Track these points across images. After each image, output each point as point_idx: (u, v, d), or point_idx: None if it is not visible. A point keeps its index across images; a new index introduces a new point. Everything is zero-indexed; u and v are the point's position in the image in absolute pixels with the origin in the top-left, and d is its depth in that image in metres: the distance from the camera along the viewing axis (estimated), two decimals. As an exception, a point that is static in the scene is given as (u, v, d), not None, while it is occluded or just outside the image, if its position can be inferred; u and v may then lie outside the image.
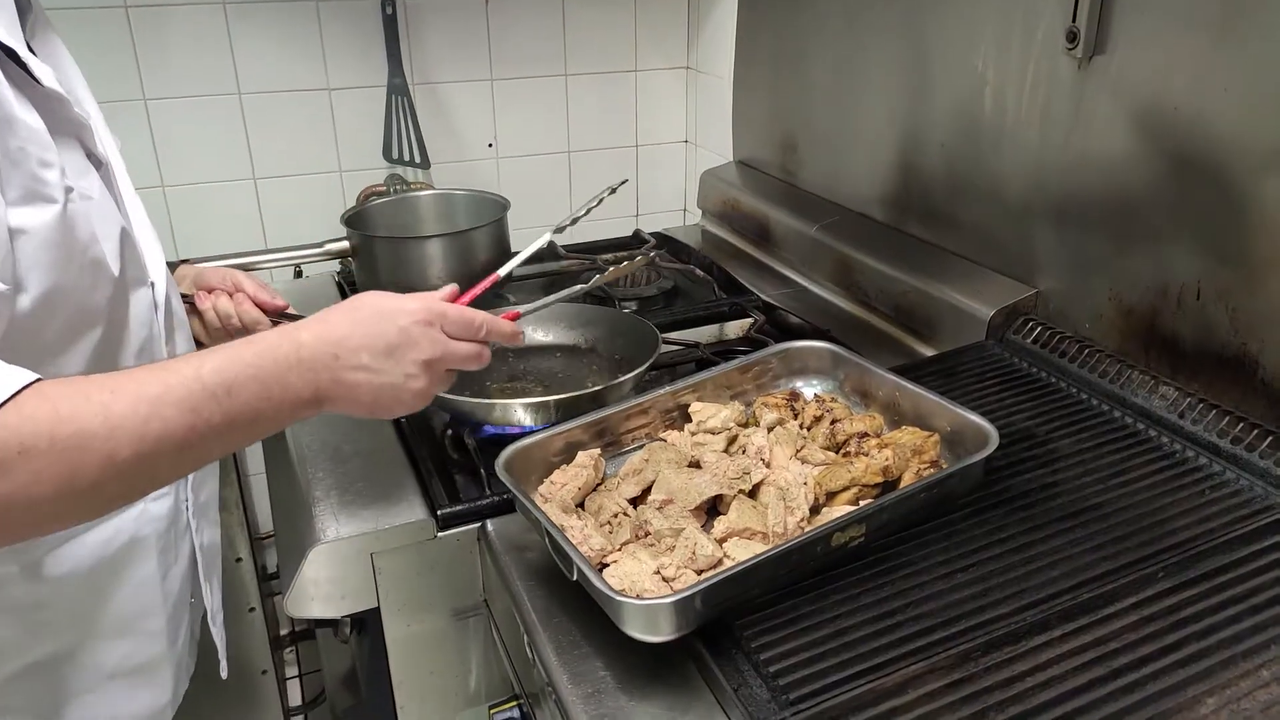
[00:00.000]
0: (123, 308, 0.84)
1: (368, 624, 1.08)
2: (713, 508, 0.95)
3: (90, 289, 0.79)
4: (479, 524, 1.04)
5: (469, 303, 0.90)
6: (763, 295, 1.60)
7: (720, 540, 0.89)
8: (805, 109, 1.76)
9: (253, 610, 1.62)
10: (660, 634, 0.77)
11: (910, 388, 1.04)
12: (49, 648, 0.85)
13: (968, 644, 0.77)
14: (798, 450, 1.02)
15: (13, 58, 0.72)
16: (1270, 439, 0.97)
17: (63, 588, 0.84)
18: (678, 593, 0.77)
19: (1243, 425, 0.99)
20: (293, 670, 2.08)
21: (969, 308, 1.32)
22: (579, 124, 2.13)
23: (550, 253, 1.80)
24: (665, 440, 1.06)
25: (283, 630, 1.92)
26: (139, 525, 0.89)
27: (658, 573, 0.85)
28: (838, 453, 1.02)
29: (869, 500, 0.93)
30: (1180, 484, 0.97)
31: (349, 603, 1.04)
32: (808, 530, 0.87)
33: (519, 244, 1.64)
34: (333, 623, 1.08)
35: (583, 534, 0.89)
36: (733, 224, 1.95)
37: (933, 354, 1.34)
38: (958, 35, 1.35)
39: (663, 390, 1.08)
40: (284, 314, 1.15)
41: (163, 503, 0.92)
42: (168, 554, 0.93)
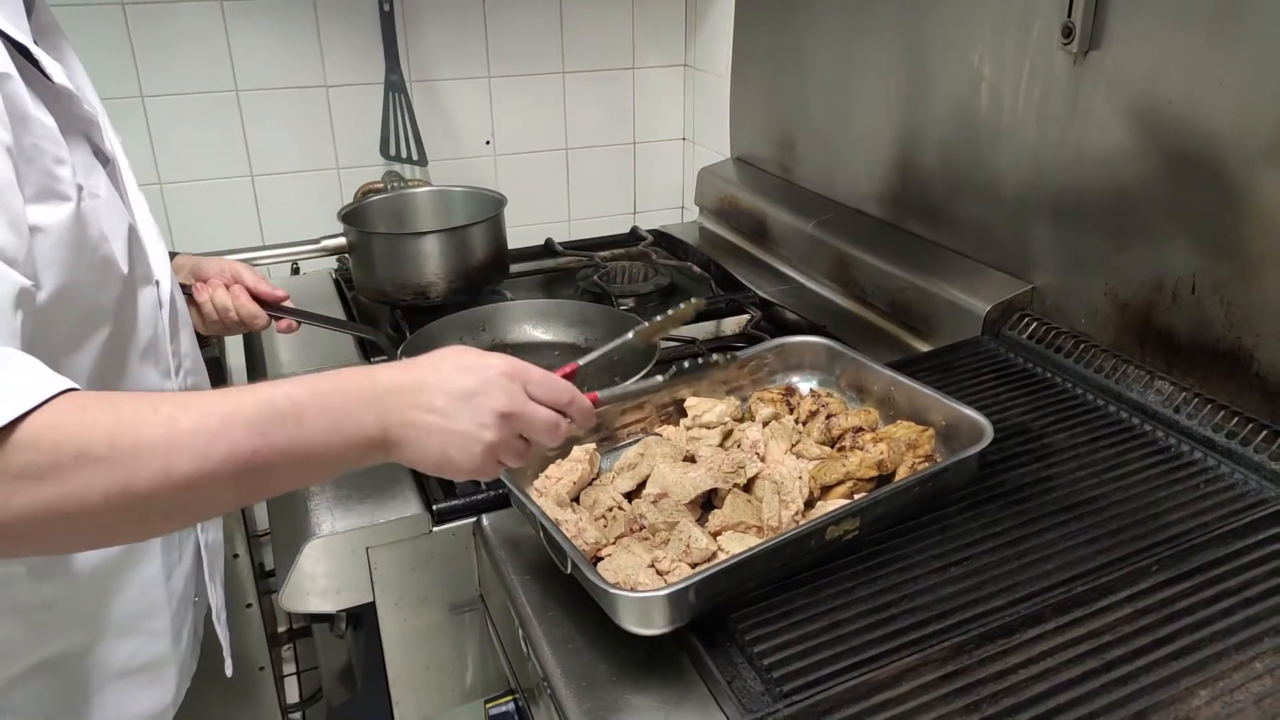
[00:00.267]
0: (131, 306, 0.84)
1: (363, 619, 1.09)
2: (707, 502, 0.95)
3: (100, 288, 0.79)
4: (474, 519, 1.04)
5: None
6: (760, 292, 1.60)
7: (714, 534, 0.89)
8: (803, 106, 1.76)
9: (249, 607, 1.62)
10: (654, 627, 0.77)
11: (905, 382, 1.05)
12: (55, 648, 0.85)
13: (961, 636, 0.77)
14: (793, 445, 1.02)
15: (24, 54, 0.72)
16: (1265, 433, 0.97)
17: (70, 588, 0.84)
18: (671, 586, 0.77)
19: (1237, 420, 0.99)
20: (290, 667, 2.08)
21: (965, 303, 1.32)
22: (577, 121, 2.13)
23: (548, 250, 1.80)
24: (660, 435, 1.06)
25: (280, 627, 1.92)
26: None
27: (652, 566, 0.85)
28: (833, 447, 1.02)
29: (863, 494, 0.93)
30: (1175, 478, 0.97)
31: (344, 597, 1.04)
32: (802, 524, 0.87)
33: (516, 241, 1.65)
34: (328, 617, 1.09)
35: (577, 528, 0.89)
36: (730, 221, 1.95)
37: (929, 350, 1.34)
38: (954, 32, 1.35)
39: (658, 384, 1.08)
40: (281, 307, 1.15)
41: None
42: (172, 553, 0.93)
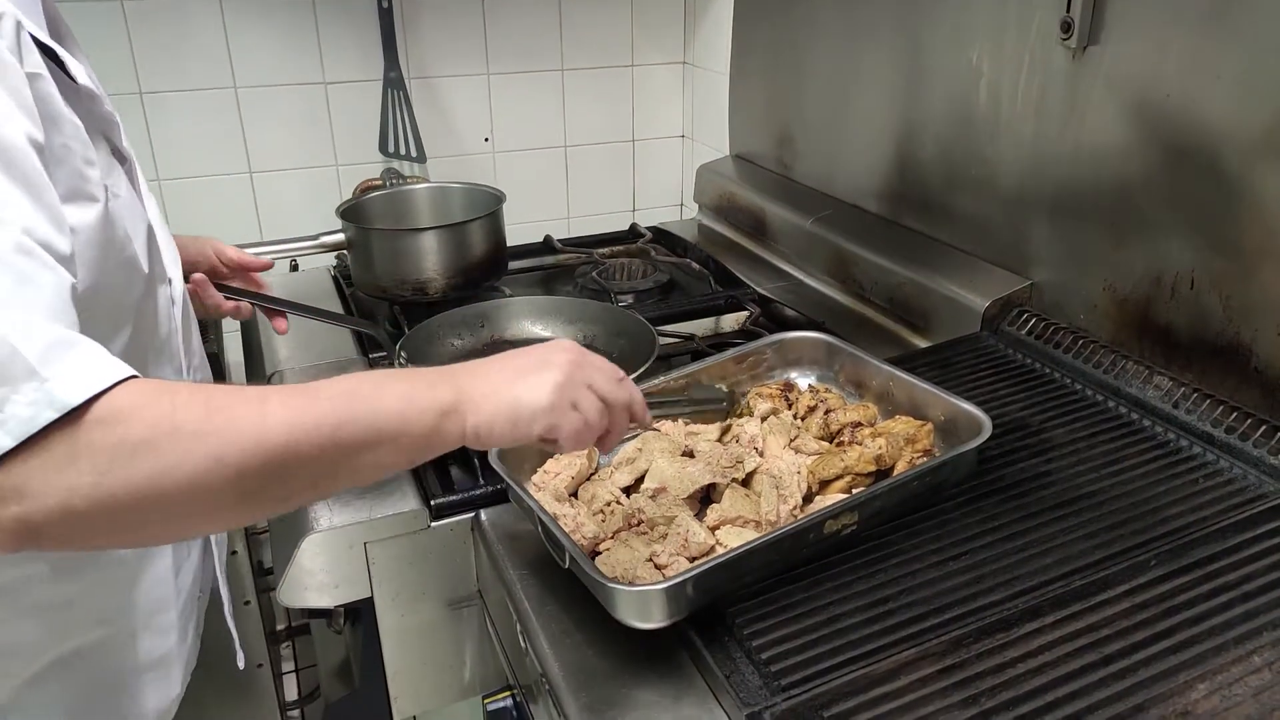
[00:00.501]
0: (151, 306, 0.85)
1: (361, 614, 1.08)
2: (706, 497, 0.95)
3: (125, 288, 0.79)
4: (472, 514, 1.04)
5: None
6: (758, 288, 1.60)
7: (713, 528, 0.89)
8: (801, 103, 1.76)
9: (248, 604, 1.61)
10: (652, 621, 0.77)
11: (904, 377, 1.05)
12: (71, 645, 0.85)
13: (960, 630, 0.77)
14: (791, 440, 1.02)
15: (47, 53, 0.72)
16: (1264, 428, 0.97)
17: (88, 586, 0.85)
18: (670, 580, 0.77)
19: (1236, 414, 0.99)
20: (289, 665, 2.08)
21: (964, 299, 1.32)
22: (576, 118, 2.13)
23: (547, 247, 1.80)
24: (659, 429, 1.05)
25: (279, 625, 1.92)
26: None
27: (650, 560, 0.85)
28: (831, 442, 1.02)
29: (862, 489, 0.92)
30: (1174, 473, 0.97)
31: (342, 592, 1.04)
32: (800, 518, 0.87)
33: (515, 238, 1.65)
34: (326, 613, 1.08)
35: (575, 522, 0.89)
36: (729, 218, 1.95)
37: (927, 346, 1.34)
38: (953, 28, 1.35)
39: (657, 381, 1.08)
40: (275, 299, 1.16)
41: None
42: (180, 550, 0.94)
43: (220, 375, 1.64)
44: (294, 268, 1.74)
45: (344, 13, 1.85)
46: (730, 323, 1.52)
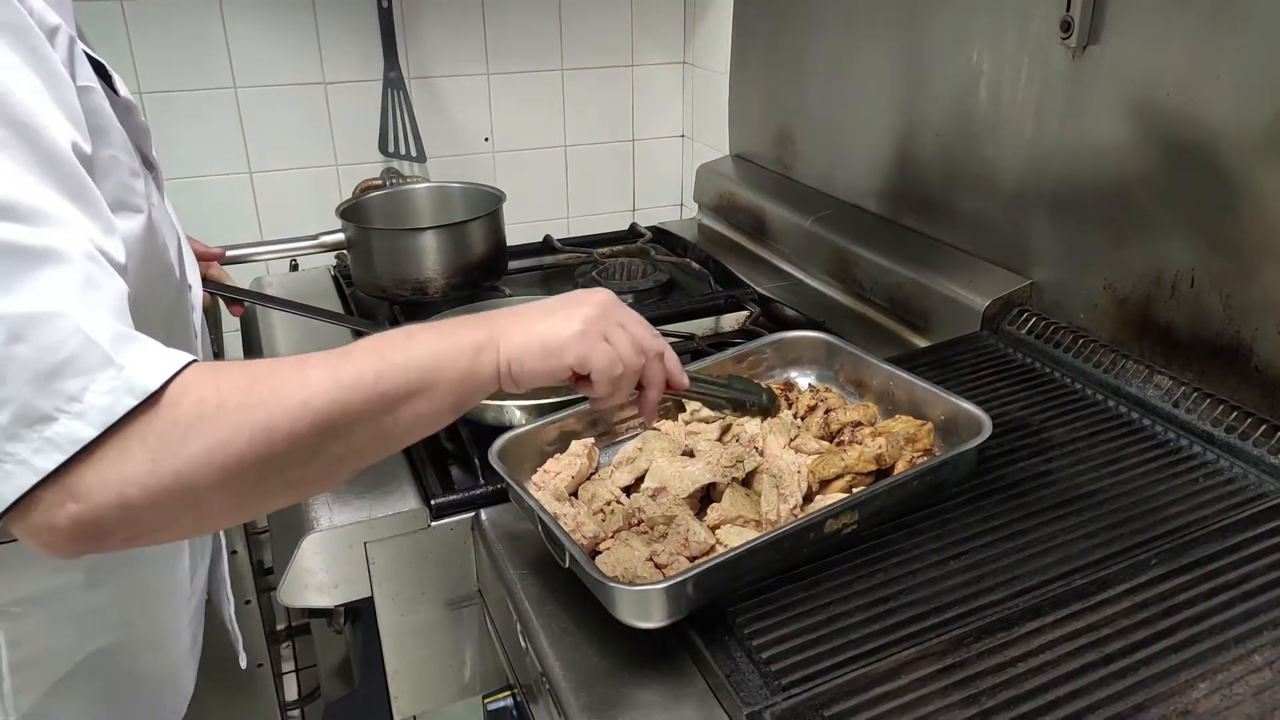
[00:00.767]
0: (182, 312, 0.86)
1: (361, 613, 1.08)
2: (706, 496, 0.95)
3: (162, 296, 0.80)
4: (473, 513, 1.04)
5: None
6: (758, 288, 1.60)
7: (713, 527, 0.89)
8: (801, 102, 1.76)
9: (248, 604, 1.62)
10: (653, 620, 0.77)
11: (904, 377, 1.04)
12: (95, 646, 0.85)
13: (960, 630, 0.77)
14: (791, 439, 1.01)
15: (97, 68, 0.73)
16: (1264, 427, 0.97)
17: (118, 589, 0.85)
18: (670, 579, 0.77)
19: (1236, 414, 0.99)
20: (288, 665, 2.08)
21: (964, 299, 1.32)
22: (575, 118, 2.12)
23: (547, 246, 1.80)
24: (659, 429, 1.05)
25: (279, 625, 1.92)
26: None
27: (650, 560, 0.85)
28: (832, 442, 1.02)
29: (862, 488, 0.92)
30: (1174, 472, 0.97)
31: (342, 592, 1.04)
32: (800, 517, 0.87)
33: (515, 238, 1.65)
34: (326, 612, 1.08)
35: (575, 522, 0.89)
36: (729, 218, 1.95)
37: (927, 345, 1.34)
38: (953, 27, 1.35)
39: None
40: (223, 285, 1.17)
41: None
42: (196, 550, 0.95)
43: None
44: (294, 267, 1.74)
45: (344, 13, 1.85)
46: (730, 322, 1.52)
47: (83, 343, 0.56)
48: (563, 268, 1.73)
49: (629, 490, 0.96)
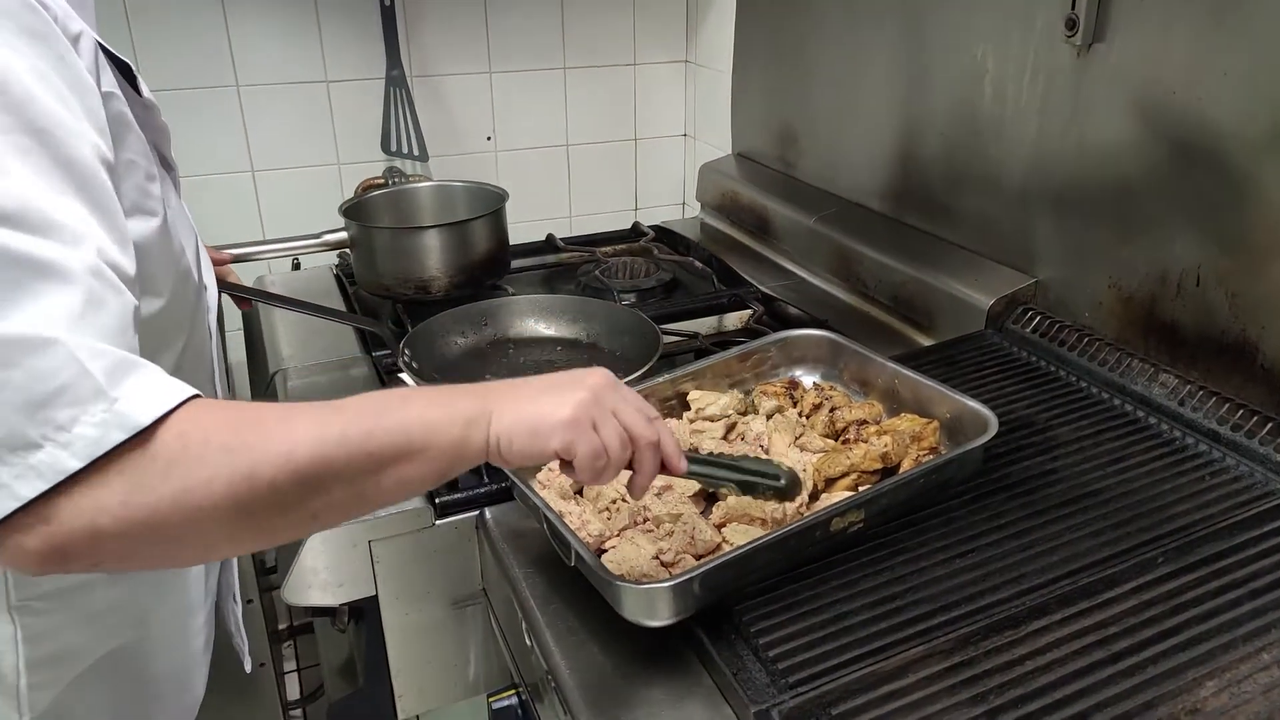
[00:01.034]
0: (201, 314, 0.86)
1: (365, 612, 1.08)
2: (712, 494, 0.95)
3: (181, 299, 0.80)
4: (477, 512, 1.04)
5: None
6: (762, 287, 1.59)
7: (719, 526, 0.89)
8: (804, 101, 1.76)
9: (250, 603, 1.61)
10: (659, 618, 0.77)
11: (910, 375, 1.04)
12: (111, 646, 0.85)
13: (967, 628, 0.76)
14: (796, 438, 1.01)
15: (122, 69, 0.73)
16: (1270, 425, 0.96)
17: (135, 588, 0.85)
18: (676, 577, 0.76)
19: (1242, 412, 0.99)
20: (290, 664, 2.08)
21: (968, 298, 1.31)
22: (578, 117, 2.12)
23: (549, 245, 1.80)
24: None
25: (281, 624, 1.92)
26: None
27: (656, 558, 0.84)
28: (837, 440, 1.02)
29: (868, 486, 0.92)
30: (1180, 470, 0.97)
31: (346, 591, 1.04)
32: (807, 516, 0.86)
33: (518, 236, 1.65)
34: (330, 611, 1.08)
35: (581, 520, 0.89)
36: (732, 216, 1.95)
37: (932, 344, 1.33)
38: (957, 25, 1.35)
39: (661, 378, 1.08)
40: (231, 284, 1.17)
41: None
42: None
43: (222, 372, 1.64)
44: (296, 266, 1.74)
45: (346, 11, 1.84)
46: (733, 321, 1.52)
47: (77, 373, 0.55)
48: (565, 267, 1.73)
49: (634, 489, 0.96)
